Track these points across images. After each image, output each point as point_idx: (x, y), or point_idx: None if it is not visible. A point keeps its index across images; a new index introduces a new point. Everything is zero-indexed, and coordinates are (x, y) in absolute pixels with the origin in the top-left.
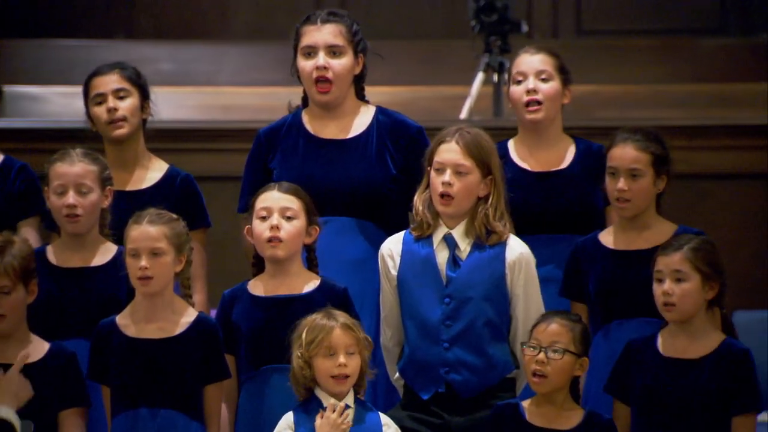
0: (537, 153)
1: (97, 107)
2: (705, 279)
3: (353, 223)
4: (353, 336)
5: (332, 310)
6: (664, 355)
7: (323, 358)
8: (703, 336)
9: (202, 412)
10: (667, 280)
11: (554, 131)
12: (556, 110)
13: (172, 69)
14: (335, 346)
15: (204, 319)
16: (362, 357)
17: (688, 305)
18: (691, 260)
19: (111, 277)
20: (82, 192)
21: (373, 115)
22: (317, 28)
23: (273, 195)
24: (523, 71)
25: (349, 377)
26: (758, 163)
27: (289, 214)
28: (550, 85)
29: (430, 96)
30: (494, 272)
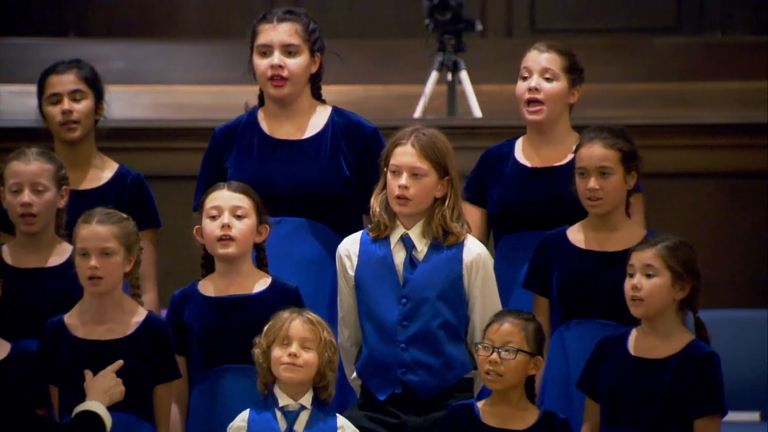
0: (543, 151)
1: (52, 107)
2: (676, 278)
3: (306, 223)
4: (313, 331)
5: (306, 310)
6: (633, 353)
7: (278, 347)
8: (671, 337)
9: (152, 413)
10: (637, 274)
11: (560, 130)
12: (559, 110)
13: (124, 67)
14: (291, 336)
15: (153, 319)
16: (322, 356)
17: (655, 301)
18: (663, 257)
19: (67, 278)
20: (37, 191)
21: (329, 115)
22: (273, 27)
23: (223, 194)
24: (529, 67)
25: (302, 368)
26: (713, 162)
27: (240, 212)
28: (554, 85)
29: (383, 95)
30: (451, 273)
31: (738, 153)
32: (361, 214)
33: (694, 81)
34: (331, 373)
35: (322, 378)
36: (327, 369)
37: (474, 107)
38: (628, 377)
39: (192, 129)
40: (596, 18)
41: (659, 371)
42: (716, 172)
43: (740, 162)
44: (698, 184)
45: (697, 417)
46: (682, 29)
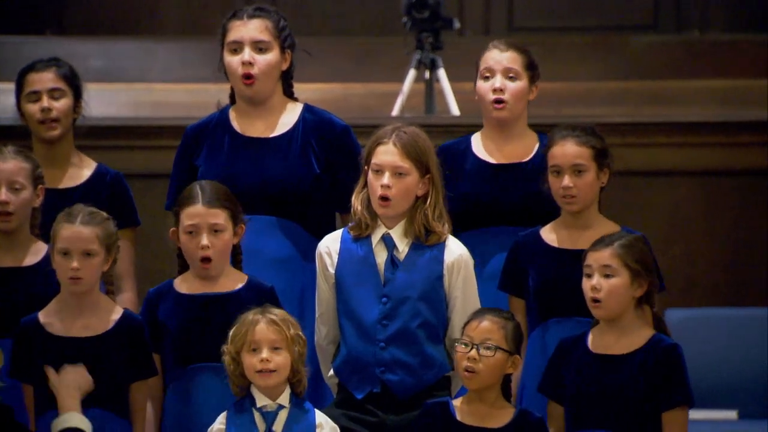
0: (503, 147)
1: (31, 105)
2: (634, 276)
3: (275, 222)
4: (279, 331)
5: (269, 307)
6: (594, 351)
7: (248, 353)
8: (631, 332)
9: (128, 410)
10: (595, 275)
11: (519, 127)
12: (522, 107)
13: (102, 65)
14: (258, 340)
15: (130, 317)
16: (292, 354)
17: (615, 301)
18: (620, 256)
19: (42, 277)
20: (14, 189)
21: (300, 113)
22: (243, 24)
23: (198, 210)
24: (491, 67)
25: (275, 372)
26: (691, 160)
27: (217, 228)
28: (517, 84)
29: (362, 93)
30: (432, 273)
31: (717, 151)
32: (332, 212)
33: (673, 79)
34: (303, 367)
35: (295, 374)
36: (299, 364)
37: (452, 105)
38: (591, 376)
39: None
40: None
41: (623, 367)
42: (695, 170)
43: (719, 160)
44: (677, 181)
45: (665, 410)
46: (660, 27)
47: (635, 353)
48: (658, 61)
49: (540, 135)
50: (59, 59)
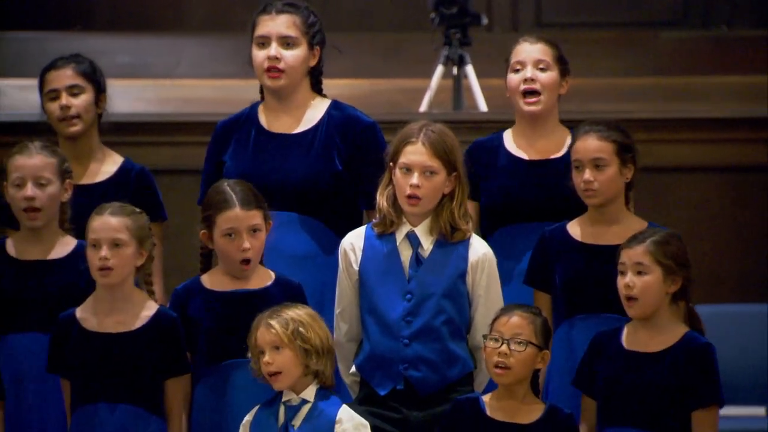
0: (535, 143)
1: (51, 103)
2: (667, 272)
3: (296, 218)
4: (276, 333)
5: (281, 306)
6: (627, 348)
7: (258, 358)
8: (665, 329)
9: (162, 407)
10: (628, 272)
11: (551, 122)
12: (554, 101)
13: (130, 61)
14: (260, 345)
15: (164, 313)
16: (296, 350)
17: (649, 298)
18: (652, 253)
19: (70, 271)
20: (41, 184)
21: (326, 109)
22: (271, 18)
23: (236, 213)
24: (522, 60)
25: (281, 372)
26: (719, 156)
27: (256, 228)
28: (548, 75)
29: (389, 89)
30: (456, 270)
31: (743, 147)
32: (355, 208)
33: (700, 75)
34: (316, 360)
35: (307, 369)
36: (308, 360)
37: (479, 101)
38: (623, 372)
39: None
40: (601, 12)
41: (655, 365)
42: (721, 166)
43: (745, 156)
44: (703, 178)
45: (695, 409)
46: (688, 23)
47: (667, 351)
48: (685, 56)
49: (572, 130)
50: (79, 55)
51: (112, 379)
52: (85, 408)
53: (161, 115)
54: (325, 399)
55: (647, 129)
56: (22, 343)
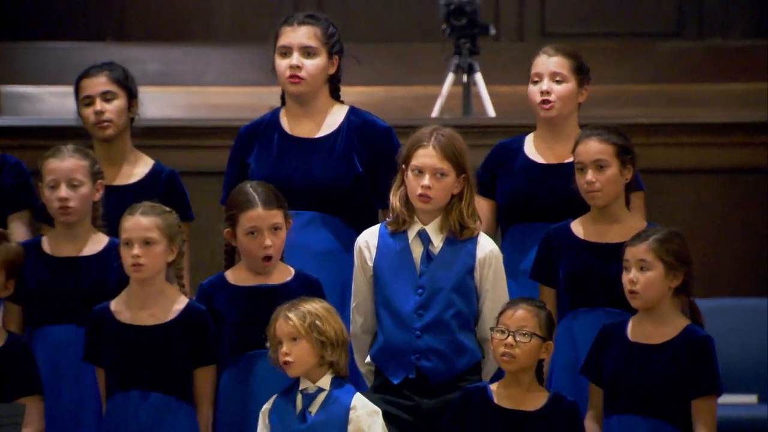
0: (553, 147)
1: (86, 108)
2: (668, 268)
3: (317, 217)
4: (293, 325)
5: (299, 299)
6: (631, 340)
7: (276, 347)
8: (667, 322)
9: (191, 394)
10: (632, 269)
11: (569, 127)
12: (569, 108)
13: (160, 70)
14: (278, 336)
15: (194, 307)
16: (312, 342)
17: (652, 293)
18: (655, 250)
19: (102, 266)
20: (73, 185)
21: (345, 114)
22: (293, 29)
23: (258, 213)
24: (540, 72)
25: (296, 362)
26: (714, 159)
27: (277, 226)
28: (563, 87)
29: (403, 96)
30: (465, 266)
31: (737, 150)
32: (372, 208)
33: (696, 83)
34: (331, 351)
35: (323, 359)
36: (323, 351)
37: (488, 107)
38: (628, 363)
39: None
40: (603, 23)
41: (657, 356)
42: (717, 168)
43: (740, 159)
44: (700, 179)
45: (695, 397)
46: (684, 34)
47: (669, 343)
48: (682, 65)
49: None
50: (112, 63)
51: (144, 368)
52: (119, 395)
53: (190, 120)
54: (340, 387)
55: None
56: (58, 334)
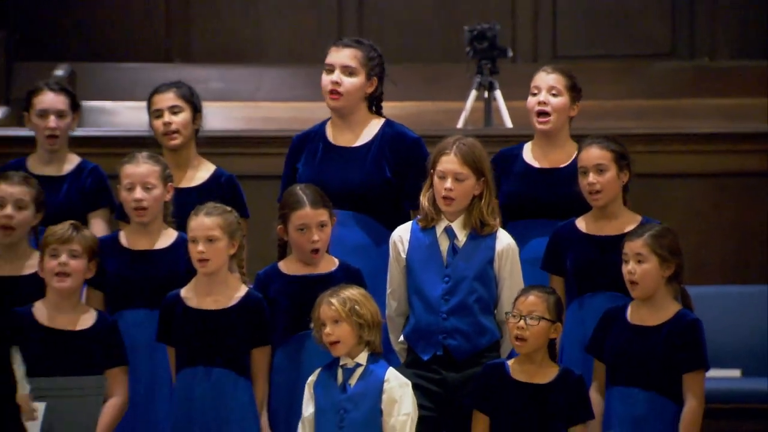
0: (548, 154)
1: (156, 120)
2: (662, 260)
3: (353, 215)
4: (335, 309)
5: (340, 286)
6: (630, 322)
7: (320, 329)
8: (661, 307)
9: (248, 370)
10: (631, 261)
11: (562, 137)
12: (563, 121)
13: (221, 87)
14: (322, 319)
15: (252, 294)
16: (352, 324)
17: (648, 283)
18: (650, 245)
19: (172, 258)
20: (147, 188)
21: (381, 127)
22: (338, 50)
23: (307, 212)
24: (538, 86)
25: (339, 342)
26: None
27: (323, 224)
28: (559, 100)
29: (432, 110)
30: (485, 258)
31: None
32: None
33: (687, 98)
34: (368, 331)
35: (361, 339)
36: (362, 332)
37: (506, 119)
38: (628, 342)
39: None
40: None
41: (653, 336)
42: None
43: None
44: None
45: (686, 372)
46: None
47: (663, 325)
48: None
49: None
50: (179, 82)
51: (208, 347)
52: (187, 370)
53: (246, 131)
54: (375, 363)
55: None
56: (134, 317)
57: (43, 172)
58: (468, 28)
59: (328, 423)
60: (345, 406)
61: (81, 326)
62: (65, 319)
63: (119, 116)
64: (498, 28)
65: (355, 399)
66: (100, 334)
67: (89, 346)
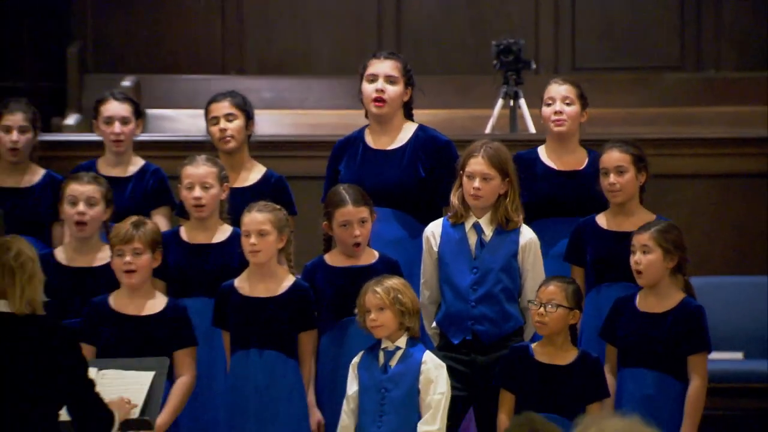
0: (561, 157)
1: (213, 126)
2: (666, 253)
3: (389, 212)
4: (380, 297)
5: (383, 276)
6: (639, 309)
7: (366, 314)
8: (667, 296)
9: (296, 352)
10: (637, 252)
11: (573, 143)
12: (576, 126)
13: (271, 97)
14: (367, 305)
15: (299, 284)
16: (395, 311)
17: (652, 272)
18: (655, 238)
19: (227, 251)
20: (205, 187)
21: (414, 131)
22: (380, 61)
23: (349, 210)
24: (553, 96)
25: (383, 326)
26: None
27: (364, 220)
28: (572, 108)
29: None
30: (510, 251)
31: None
32: (432, 205)
33: (694, 107)
34: (408, 318)
35: (401, 324)
36: (403, 318)
37: (530, 125)
38: (636, 328)
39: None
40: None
41: (660, 322)
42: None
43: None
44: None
45: (690, 354)
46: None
47: (669, 312)
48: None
49: (588, 150)
50: (234, 91)
51: (260, 332)
52: (241, 353)
53: (294, 137)
54: (413, 346)
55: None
56: (193, 305)
57: (111, 174)
58: (495, 43)
59: (370, 401)
60: (386, 386)
61: (151, 311)
62: (137, 305)
63: (180, 123)
64: (522, 43)
65: (395, 379)
66: (170, 318)
67: (159, 329)
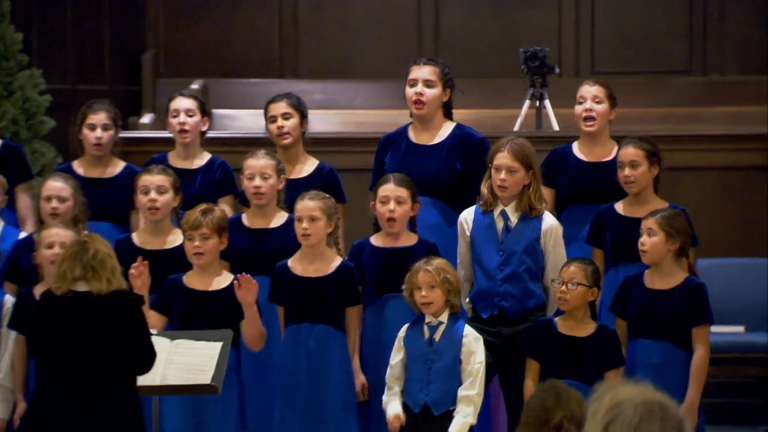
0: (593, 150)
1: (271, 124)
2: (668, 236)
3: (429, 201)
4: (432, 276)
5: (430, 258)
6: (647, 286)
7: (416, 291)
8: (672, 274)
9: (343, 326)
10: (644, 234)
11: (604, 137)
12: (605, 123)
13: (323, 98)
14: (419, 283)
15: (346, 264)
16: (444, 290)
17: (654, 252)
18: (660, 223)
19: (283, 234)
20: (264, 178)
21: (452, 129)
22: (419, 67)
23: (390, 187)
24: (584, 96)
25: (432, 303)
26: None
27: (400, 200)
28: (602, 107)
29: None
30: (533, 236)
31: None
32: (466, 194)
33: (701, 107)
34: (453, 297)
35: (447, 301)
36: (449, 296)
37: (554, 124)
38: (644, 302)
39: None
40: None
41: (666, 297)
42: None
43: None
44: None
45: (694, 326)
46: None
47: (674, 288)
48: (691, 94)
49: (618, 141)
50: (290, 93)
51: (311, 307)
52: (294, 326)
53: (344, 134)
54: (455, 321)
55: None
56: None
57: (181, 166)
58: (523, 50)
59: (418, 370)
60: (431, 357)
61: (218, 287)
62: (206, 282)
63: (242, 121)
64: (547, 50)
65: (440, 351)
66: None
67: (225, 303)
